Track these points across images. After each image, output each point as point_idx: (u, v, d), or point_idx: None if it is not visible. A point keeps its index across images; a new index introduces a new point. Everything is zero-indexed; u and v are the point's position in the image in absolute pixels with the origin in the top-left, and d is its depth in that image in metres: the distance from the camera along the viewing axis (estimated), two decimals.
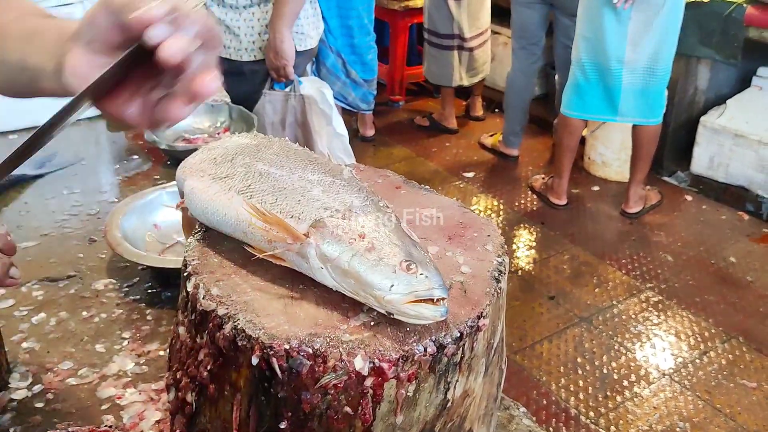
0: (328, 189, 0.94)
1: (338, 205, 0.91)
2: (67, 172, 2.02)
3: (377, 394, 0.82)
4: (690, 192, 4.40)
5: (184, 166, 1.09)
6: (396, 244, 0.88)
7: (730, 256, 3.73)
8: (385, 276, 0.84)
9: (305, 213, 0.91)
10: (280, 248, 0.91)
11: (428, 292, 0.84)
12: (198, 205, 1.01)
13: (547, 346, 3.07)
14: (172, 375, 1.01)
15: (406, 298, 0.84)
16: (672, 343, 3.09)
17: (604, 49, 3.63)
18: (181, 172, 1.09)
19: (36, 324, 1.40)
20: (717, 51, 4.11)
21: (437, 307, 0.84)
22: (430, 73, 5.15)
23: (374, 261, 0.85)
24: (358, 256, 0.86)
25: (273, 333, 0.83)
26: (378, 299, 0.85)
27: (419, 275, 0.85)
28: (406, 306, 0.84)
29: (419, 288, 0.84)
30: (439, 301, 0.84)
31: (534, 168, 4.72)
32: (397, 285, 0.83)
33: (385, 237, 0.88)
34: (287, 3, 2.50)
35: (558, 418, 2.69)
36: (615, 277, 3.54)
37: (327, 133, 2.61)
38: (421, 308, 0.83)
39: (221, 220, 0.98)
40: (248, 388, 0.86)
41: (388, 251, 0.86)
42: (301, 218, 0.90)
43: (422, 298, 0.84)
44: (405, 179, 1.21)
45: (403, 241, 0.89)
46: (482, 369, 0.95)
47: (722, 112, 4.33)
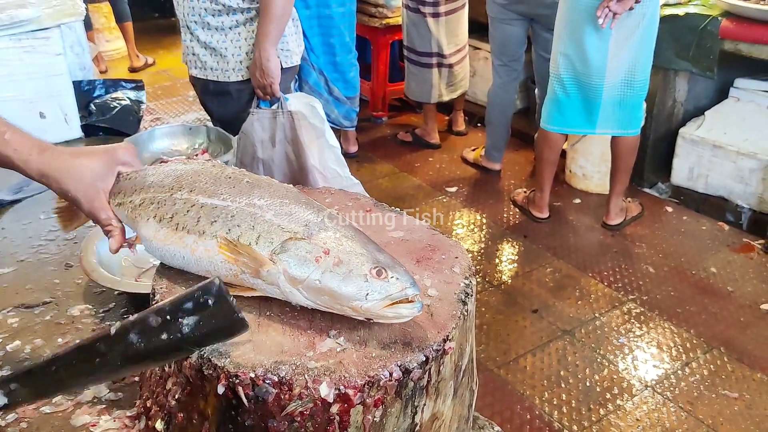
0: (280, 211, 0.95)
1: (295, 226, 0.92)
2: (44, 197, 2.01)
3: (344, 420, 0.83)
4: (671, 203, 4.43)
5: (126, 214, 1.08)
6: (361, 252, 0.89)
7: (710, 267, 3.76)
8: (358, 286, 0.86)
9: (263, 239, 0.91)
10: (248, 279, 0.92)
11: (402, 293, 0.87)
12: (156, 253, 1.02)
13: (530, 359, 3.08)
14: (142, 403, 1.01)
15: (383, 303, 0.86)
16: (654, 355, 3.11)
17: (585, 65, 3.67)
18: (126, 217, 1.08)
19: (11, 351, 1.40)
20: (693, 64, 4.16)
21: (413, 305, 0.87)
22: (410, 90, 5.17)
23: (344, 274, 0.87)
24: (327, 273, 0.87)
25: (239, 362, 0.83)
26: (355, 309, 0.87)
27: (390, 278, 0.87)
28: (384, 310, 0.86)
29: (393, 291, 0.87)
30: (412, 298, 0.87)
31: (516, 182, 4.75)
32: (372, 292, 0.86)
33: (349, 248, 0.90)
34: (272, 21, 2.51)
35: None
36: (597, 290, 3.56)
37: (318, 146, 2.61)
38: (398, 309, 0.87)
39: (182, 262, 0.99)
40: (216, 416, 0.86)
41: (355, 261, 0.88)
42: (260, 245, 0.91)
43: (397, 300, 0.86)
44: (375, 201, 1.22)
45: (368, 248, 0.91)
46: (450, 392, 0.96)
47: (701, 124, 4.38)
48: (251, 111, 2.65)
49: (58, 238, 1.80)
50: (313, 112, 2.66)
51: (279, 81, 2.61)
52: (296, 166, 2.69)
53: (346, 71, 4.61)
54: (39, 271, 1.67)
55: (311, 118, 2.64)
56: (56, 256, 1.73)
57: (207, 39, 2.60)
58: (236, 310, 0.82)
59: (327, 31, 4.42)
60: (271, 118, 2.64)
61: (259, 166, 2.70)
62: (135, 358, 0.83)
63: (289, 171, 2.72)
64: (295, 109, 2.64)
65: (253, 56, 2.58)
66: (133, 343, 0.82)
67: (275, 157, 2.67)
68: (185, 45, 2.64)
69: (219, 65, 2.64)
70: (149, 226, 1.01)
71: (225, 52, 2.62)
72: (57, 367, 0.82)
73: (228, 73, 2.65)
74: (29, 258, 1.73)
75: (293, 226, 0.92)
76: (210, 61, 2.63)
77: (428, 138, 5.25)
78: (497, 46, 4.54)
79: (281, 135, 2.67)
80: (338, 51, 4.51)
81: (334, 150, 2.69)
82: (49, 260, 1.71)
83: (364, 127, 5.44)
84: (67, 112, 2.32)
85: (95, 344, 0.82)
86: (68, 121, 2.33)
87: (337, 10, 4.41)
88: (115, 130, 2.39)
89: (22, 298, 1.56)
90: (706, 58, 4.09)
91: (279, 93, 2.63)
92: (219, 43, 2.60)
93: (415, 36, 4.88)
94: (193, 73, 2.70)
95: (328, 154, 2.68)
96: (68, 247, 1.76)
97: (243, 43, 2.61)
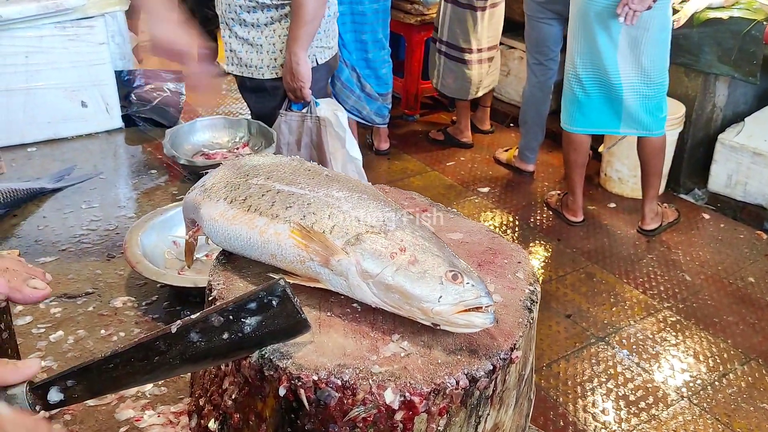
0: (357, 205, 0.92)
1: (372, 220, 0.89)
2: (86, 186, 2.01)
3: (407, 428, 0.80)
4: (707, 210, 4.35)
5: (192, 198, 1.07)
6: (438, 255, 0.86)
7: (748, 276, 3.68)
8: (431, 288, 0.83)
9: (338, 228, 0.89)
10: (315, 267, 0.89)
11: (476, 301, 0.83)
12: (218, 233, 0.99)
13: (563, 365, 3.03)
14: (194, 401, 0.99)
15: (456, 308, 0.83)
16: (690, 365, 3.04)
17: (601, 63, 3.64)
18: (192, 201, 1.07)
19: (54, 342, 1.38)
20: (735, 68, 4.08)
21: (486, 315, 0.84)
22: (446, 86, 5.11)
23: (419, 274, 0.84)
24: (402, 270, 0.84)
25: (301, 363, 0.81)
26: (425, 311, 0.83)
27: (466, 284, 0.84)
28: (455, 316, 0.83)
29: (467, 297, 0.83)
30: (485, 308, 0.83)
31: (550, 183, 4.69)
32: (445, 296, 0.83)
33: (425, 249, 0.87)
34: (302, 26, 2.49)
35: None
36: (632, 296, 3.50)
37: (341, 155, 2.60)
38: (470, 317, 0.83)
39: (245, 244, 0.96)
40: (274, 419, 0.83)
41: (431, 263, 0.85)
42: (334, 234, 0.88)
43: (470, 307, 0.83)
44: (431, 201, 1.19)
45: (444, 252, 0.88)
46: (513, 401, 0.92)
47: (740, 130, 4.29)
48: (280, 113, 2.64)
49: (99, 228, 1.79)
50: (337, 120, 2.64)
51: (309, 84, 2.59)
52: None
53: (378, 68, 4.58)
54: (81, 261, 1.66)
55: (336, 127, 2.62)
56: (98, 246, 1.72)
57: (244, 35, 2.59)
58: (300, 310, 0.80)
59: (360, 28, 4.40)
60: (299, 121, 2.63)
61: None
62: (194, 357, 0.81)
63: None
64: (323, 115, 2.62)
65: (285, 59, 2.57)
66: (193, 342, 0.80)
67: None
68: (224, 41, 2.64)
69: (254, 62, 2.63)
70: (217, 206, 0.99)
71: (260, 49, 2.61)
72: (115, 364, 0.80)
73: (262, 70, 2.64)
74: (71, 248, 1.72)
75: (370, 219, 0.89)
76: (245, 57, 2.63)
77: (461, 137, 5.21)
78: (533, 45, 4.49)
79: (307, 139, 2.65)
80: (370, 48, 4.49)
81: (356, 162, 2.67)
82: (90, 250, 1.70)
83: (396, 125, 5.41)
84: (109, 101, 2.32)
85: (155, 342, 0.80)
86: (109, 110, 2.33)
87: (371, 6, 4.38)
88: (156, 121, 2.38)
89: (65, 288, 1.55)
90: (748, 63, 4.01)
91: (309, 97, 2.61)
92: (255, 40, 2.60)
93: (459, 31, 4.83)
94: (229, 70, 2.69)
95: (349, 166, 2.66)
96: (109, 238, 1.75)
97: (277, 39, 2.59)
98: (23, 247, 1.70)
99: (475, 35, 4.83)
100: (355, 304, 0.91)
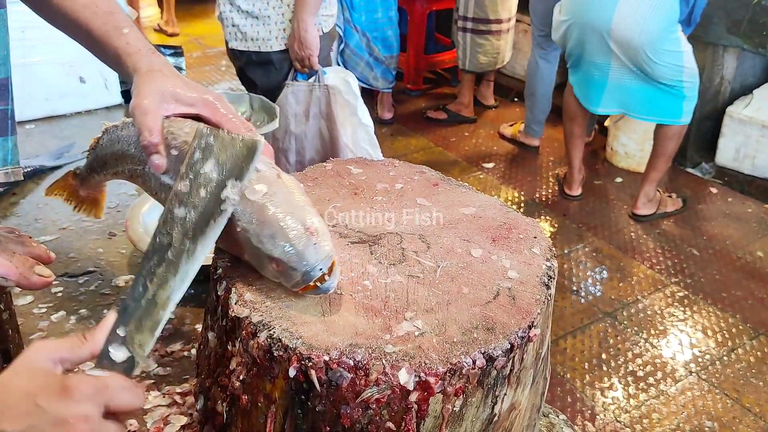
0: None
1: None
2: None
3: (422, 409, 0.77)
4: (715, 184, 4.30)
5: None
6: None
7: (757, 251, 3.64)
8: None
9: None
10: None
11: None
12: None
13: (571, 341, 3.00)
14: (200, 382, 0.96)
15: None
16: (699, 340, 3.02)
17: (588, 37, 3.57)
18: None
19: (56, 322, 1.36)
20: (745, 40, 4.00)
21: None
22: (475, 64, 4.99)
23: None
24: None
25: (311, 343, 0.77)
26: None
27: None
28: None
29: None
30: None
31: (555, 158, 4.63)
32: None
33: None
34: None
35: (583, 415, 2.63)
36: (639, 271, 3.47)
37: (351, 123, 2.54)
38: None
39: None
40: (284, 400, 0.80)
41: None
42: None
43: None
44: (442, 176, 1.15)
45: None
46: (530, 380, 0.89)
47: (749, 103, 4.23)
48: (286, 83, 2.58)
49: None
50: (348, 87, 2.58)
51: (318, 53, 2.53)
52: (329, 142, 2.62)
53: (385, 27, 4.66)
54: (82, 240, 1.63)
55: (346, 94, 2.57)
56: (99, 224, 1.69)
57: (248, 7, 2.52)
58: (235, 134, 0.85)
59: None
60: (307, 91, 2.57)
61: (292, 141, 2.63)
62: (194, 231, 0.81)
63: (321, 147, 2.65)
64: (331, 83, 2.56)
65: (292, 27, 2.50)
66: (183, 217, 0.81)
67: (308, 132, 2.61)
68: (225, 17, 2.57)
69: (260, 34, 2.57)
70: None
71: (268, 21, 2.54)
72: (143, 283, 0.79)
73: (270, 42, 2.58)
74: (71, 226, 1.68)
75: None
76: (251, 31, 2.56)
77: (464, 112, 5.15)
78: (538, 17, 4.41)
79: (315, 109, 2.59)
80: (380, 6, 4.59)
81: (367, 129, 2.61)
82: (91, 229, 1.67)
83: (398, 99, 5.35)
84: (108, 77, 2.27)
85: (155, 240, 0.81)
86: (108, 86, 2.28)
87: None
88: None
89: (66, 267, 1.52)
90: (758, 34, 3.93)
91: (317, 66, 2.55)
92: (261, 11, 2.53)
93: (489, 4, 4.76)
94: (233, 45, 2.62)
95: (361, 133, 2.61)
96: (111, 216, 1.72)
97: (286, 9, 2.53)
98: (23, 226, 1.67)
99: (504, 5, 4.80)
100: (366, 281, 0.88)
